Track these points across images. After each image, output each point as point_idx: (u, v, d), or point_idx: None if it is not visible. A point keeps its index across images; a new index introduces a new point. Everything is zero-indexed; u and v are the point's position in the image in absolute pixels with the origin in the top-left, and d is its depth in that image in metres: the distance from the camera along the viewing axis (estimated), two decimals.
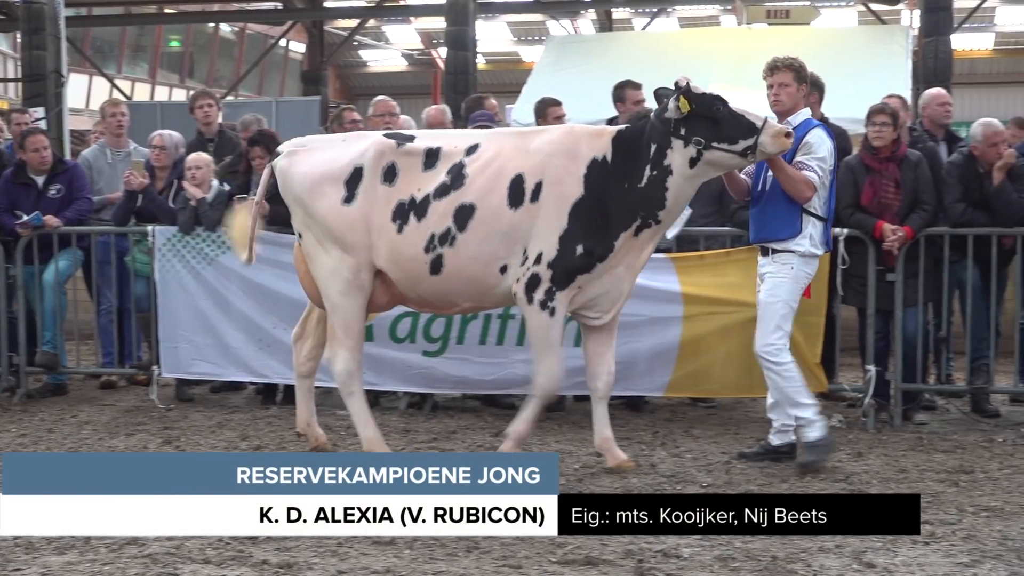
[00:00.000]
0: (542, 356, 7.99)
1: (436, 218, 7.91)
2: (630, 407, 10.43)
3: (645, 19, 31.39)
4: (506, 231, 7.85)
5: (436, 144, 8.15)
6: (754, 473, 8.08)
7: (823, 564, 6.06)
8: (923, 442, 9.13)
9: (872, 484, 7.74)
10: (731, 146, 7.65)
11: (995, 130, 9.95)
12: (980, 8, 28.45)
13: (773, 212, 8.16)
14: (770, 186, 8.17)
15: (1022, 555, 6.11)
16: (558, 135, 8.09)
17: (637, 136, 7.92)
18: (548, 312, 7.85)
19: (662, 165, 7.76)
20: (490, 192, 7.86)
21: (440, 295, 8.13)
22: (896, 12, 29.85)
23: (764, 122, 7.67)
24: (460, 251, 7.89)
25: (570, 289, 7.84)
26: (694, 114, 7.66)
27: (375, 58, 43.08)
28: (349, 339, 8.20)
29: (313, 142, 8.65)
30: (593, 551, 6.21)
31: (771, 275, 8.21)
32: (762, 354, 8.21)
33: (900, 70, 18.00)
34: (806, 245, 8.14)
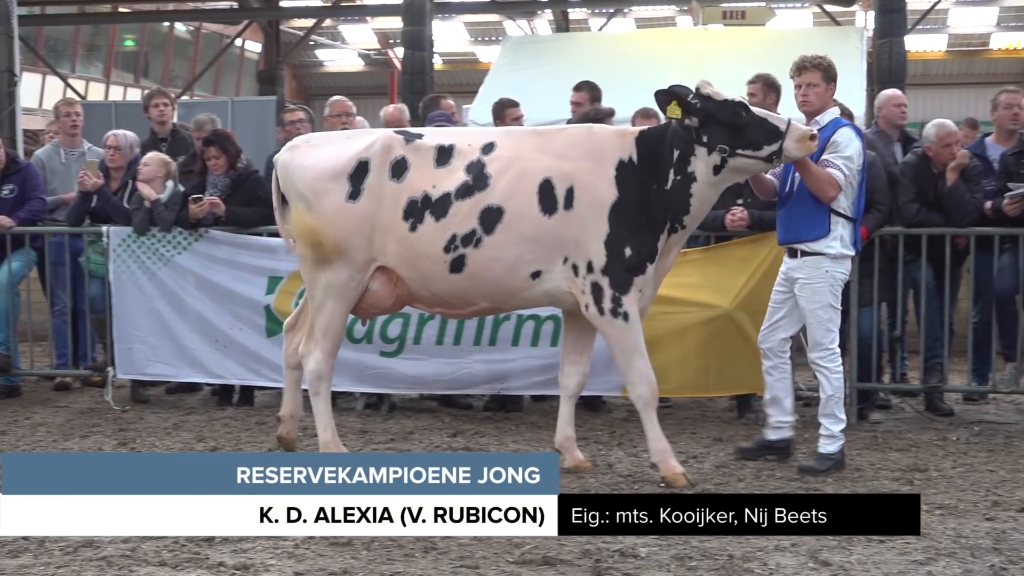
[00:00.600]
0: (630, 363, 7.86)
1: (460, 219, 7.76)
2: (587, 407, 10.44)
3: (602, 20, 31.46)
4: (538, 236, 7.72)
5: (448, 141, 8.02)
6: (710, 472, 8.11)
7: (779, 562, 6.08)
8: (878, 441, 9.19)
9: (827, 483, 7.78)
10: (755, 152, 7.59)
11: (948, 131, 10.03)
12: (933, 10, 28.68)
13: (801, 212, 8.06)
14: (798, 186, 8.08)
15: (976, 552, 6.16)
16: (580, 137, 7.97)
17: (659, 138, 7.83)
18: (622, 319, 7.73)
19: (686, 171, 7.68)
20: (516, 195, 7.73)
21: (458, 294, 7.98)
22: (851, 14, 30.04)
23: (788, 125, 7.60)
24: (485, 252, 7.76)
25: (633, 292, 7.72)
26: (717, 121, 7.57)
27: (331, 58, 42.96)
28: (327, 341, 8.15)
29: (317, 138, 8.61)
30: (551, 551, 6.21)
31: (806, 281, 8.08)
32: (817, 360, 8.15)
33: (855, 71, 18.07)
34: (837, 247, 8.03)
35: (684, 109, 7.60)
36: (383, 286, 8.06)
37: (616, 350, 7.91)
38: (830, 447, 8.16)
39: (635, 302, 7.74)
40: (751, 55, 16.55)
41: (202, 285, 10.59)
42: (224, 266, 10.55)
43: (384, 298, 8.12)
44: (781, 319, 8.35)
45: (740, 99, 7.78)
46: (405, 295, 8.13)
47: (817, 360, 8.16)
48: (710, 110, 7.59)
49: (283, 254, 10.36)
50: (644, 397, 7.84)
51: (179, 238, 10.54)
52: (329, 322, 8.11)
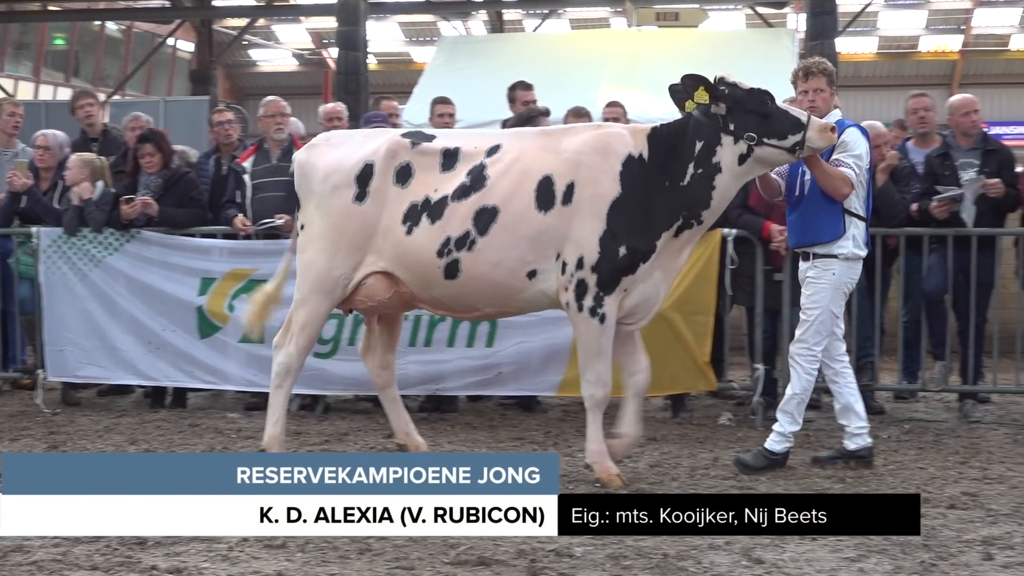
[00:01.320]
0: (591, 364, 7.73)
1: (454, 221, 7.69)
2: (522, 407, 10.47)
3: (536, 20, 31.50)
4: (535, 235, 7.63)
5: (455, 144, 7.96)
6: (644, 471, 8.14)
7: (713, 561, 6.11)
8: (810, 439, 9.26)
9: (760, 481, 7.83)
10: (780, 142, 7.52)
11: (878, 132, 10.14)
12: (864, 13, 28.95)
13: (815, 214, 8.04)
14: (809, 189, 8.06)
15: (906, 549, 6.22)
16: (589, 135, 7.86)
17: (678, 133, 7.72)
18: (598, 319, 7.62)
19: (710, 163, 7.57)
20: (515, 195, 7.65)
21: (458, 299, 7.91)
22: (782, 16, 30.26)
23: (808, 117, 7.60)
24: (480, 256, 7.67)
25: (617, 293, 7.63)
26: (745, 109, 7.54)
27: (265, 58, 42.71)
28: (302, 337, 8.10)
29: (336, 137, 8.57)
30: (486, 551, 6.21)
31: (812, 281, 8.09)
32: (795, 355, 8.13)
33: (787, 73, 18.18)
34: (849, 247, 8.01)
35: (712, 95, 7.58)
36: (378, 281, 7.98)
37: (582, 347, 7.78)
38: (776, 446, 8.15)
39: (616, 302, 7.65)
40: (684, 56, 16.62)
41: (134, 286, 10.51)
42: (156, 267, 10.48)
43: (380, 292, 8.00)
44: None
45: (764, 88, 7.75)
46: (408, 296, 8.06)
47: (795, 355, 8.14)
48: (738, 97, 7.58)
49: (216, 255, 10.33)
50: (596, 398, 7.76)
51: (110, 239, 10.44)
52: (309, 317, 8.06)
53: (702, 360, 9.87)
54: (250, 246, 10.56)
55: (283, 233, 10.54)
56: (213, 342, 10.49)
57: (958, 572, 5.91)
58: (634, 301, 7.74)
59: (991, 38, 35.28)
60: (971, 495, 7.45)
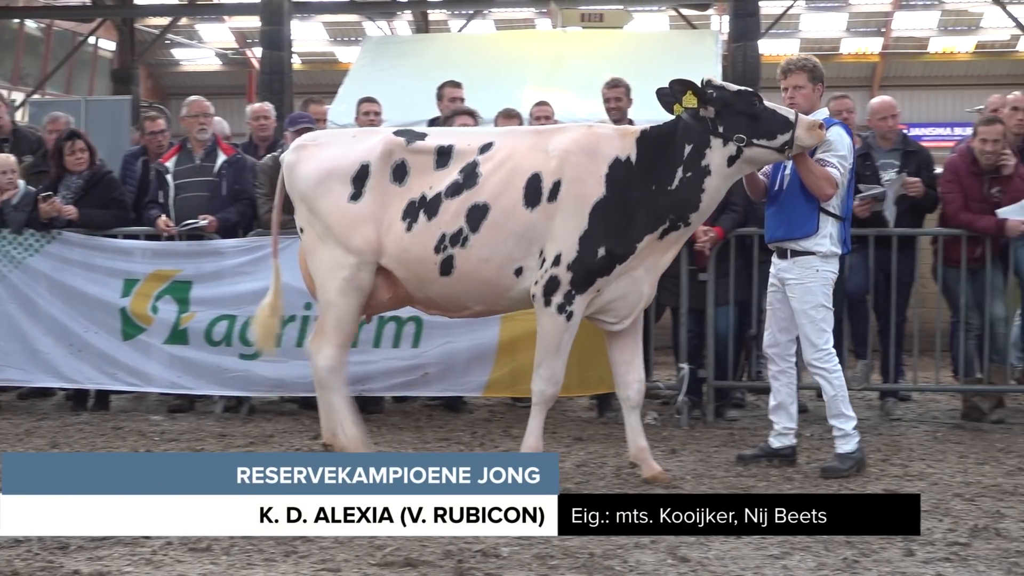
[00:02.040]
0: (548, 360, 7.71)
1: (448, 218, 7.71)
2: (448, 408, 10.46)
3: (461, 21, 31.45)
4: (522, 232, 7.64)
5: (448, 142, 7.96)
6: (571, 471, 8.15)
7: (639, 559, 6.14)
8: (735, 438, 9.33)
9: (686, 480, 7.88)
10: (770, 142, 7.53)
11: None
12: (786, 15, 29.22)
13: (791, 210, 8.05)
14: (787, 184, 8.07)
15: (829, 546, 6.28)
16: (579, 134, 7.83)
17: (666, 137, 7.72)
18: (565, 316, 7.61)
19: (699, 166, 7.57)
20: (504, 192, 7.66)
21: (450, 297, 7.93)
22: (706, 17, 30.48)
23: (796, 116, 7.60)
24: (472, 252, 7.69)
25: (589, 293, 7.61)
26: (733, 111, 7.55)
27: (188, 57, 42.33)
28: (339, 336, 8.00)
29: (323, 137, 8.49)
30: (413, 552, 6.19)
31: (796, 281, 8.05)
32: (813, 362, 8.07)
33: (710, 74, 18.33)
34: (827, 245, 8.02)
35: (700, 98, 7.59)
36: (380, 285, 7.98)
37: (542, 342, 7.73)
38: (847, 446, 8.12)
39: (586, 302, 7.63)
40: (609, 57, 16.72)
41: (55, 288, 10.39)
42: (78, 268, 10.37)
43: (378, 291, 8.00)
44: (783, 320, 8.29)
45: (751, 90, 7.78)
46: (404, 295, 8.07)
47: (814, 362, 8.08)
48: (726, 99, 7.59)
49: (139, 256, 10.23)
50: (545, 395, 7.74)
51: (31, 240, 10.32)
52: (340, 317, 7.97)
53: None
54: (173, 247, 10.47)
55: (206, 234, 10.46)
56: (136, 344, 10.39)
57: (880, 568, 5.98)
58: (608, 298, 7.71)
59: (910, 41, 35.76)
60: (891, 491, 7.54)
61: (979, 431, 9.72)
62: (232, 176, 10.82)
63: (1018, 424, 10.02)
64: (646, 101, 12.49)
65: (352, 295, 7.94)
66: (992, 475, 8.02)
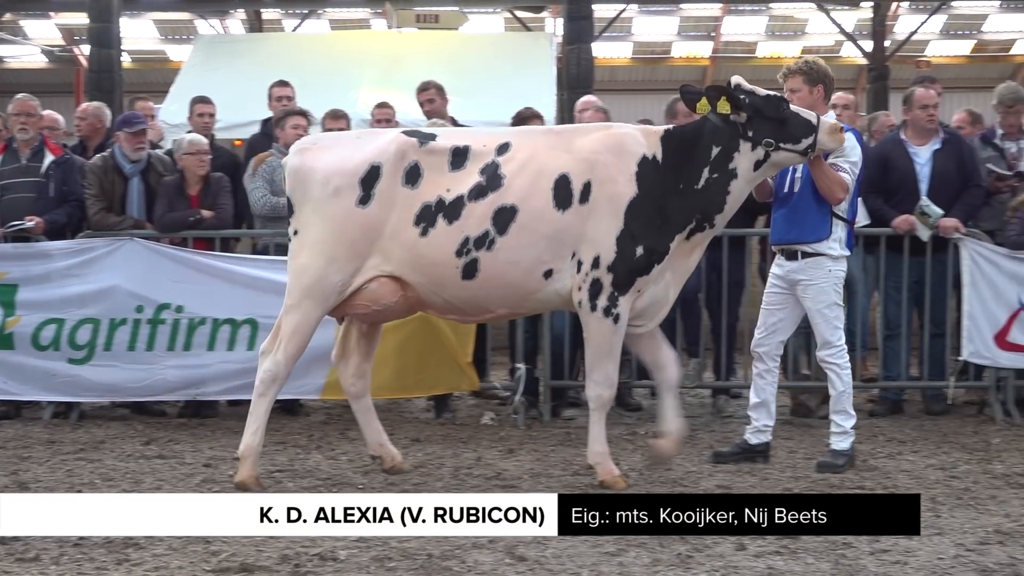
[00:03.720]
0: (601, 364, 7.65)
1: (472, 221, 7.48)
2: (285, 411, 10.35)
3: (296, 20, 31.13)
4: (552, 234, 7.49)
5: (463, 143, 7.71)
6: (408, 473, 8.13)
7: (477, 560, 6.15)
8: (571, 437, 9.40)
9: (523, 479, 7.92)
10: (795, 145, 7.58)
11: None
12: (619, 18, 29.54)
13: (804, 214, 8.18)
14: (799, 188, 8.19)
15: (664, 542, 6.36)
16: (602, 134, 7.75)
17: (691, 137, 7.70)
18: (612, 319, 7.53)
19: (726, 168, 7.58)
20: (532, 194, 7.49)
21: (471, 301, 7.68)
22: (540, 20, 30.66)
23: (818, 119, 7.65)
24: (499, 255, 7.48)
25: (631, 294, 7.55)
26: (762, 115, 7.56)
27: (12, 54, 41.11)
28: (292, 344, 7.68)
29: (326, 139, 8.25)
30: (249, 557, 6.12)
31: (810, 282, 8.21)
32: (827, 358, 8.25)
33: (545, 76, 18.53)
34: (837, 248, 8.21)
35: (734, 104, 7.58)
36: (383, 285, 7.64)
37: (593, 347, 7.66)
38: (843, 443, 8.29)
39: (630, 303, 7.58)
40: (444, 58, 16.75)
41: None
42: None
43: (385, 296, 7.67)
44: (778, 322, 8.46)
45: (779, 94, 7.80)
46: (415, 300, 7.78)
47: (827, 358, 8.26)
48: (756, 105, 7.60)
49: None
50: (602, 399, 7.68)
51: None
52: (300, 323, 7.65)
53: (464, 361, 9.93)
54: None
55: (33, 236, 10.21)
56: None
57: (713, 563, 6.08)
58: (645, 303, 7.68)
59: (739, 45, 36.39)
60: (725, 487, 7.68)
61: (807, 427, 9.96)
62: (60, 177, 10.58)
63: None
64: (482, 102, 12.60)
65: (321, 305, 7.64)
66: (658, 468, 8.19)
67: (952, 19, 33.65)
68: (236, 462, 7.75)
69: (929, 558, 6.13)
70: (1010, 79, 24.59)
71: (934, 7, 30.51)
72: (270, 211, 10.34)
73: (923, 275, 10.13)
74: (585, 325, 7.64)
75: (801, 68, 8.29)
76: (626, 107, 31.20)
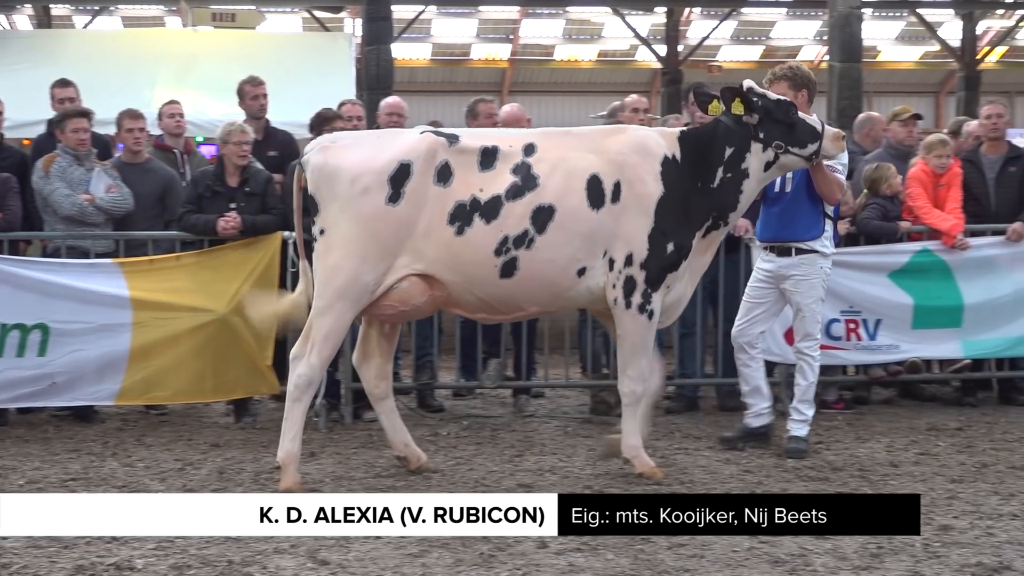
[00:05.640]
0: (634, 360, 7.84)
1: (511, 220, 7.57)
2: (79, 418, 10.10)
3: (86, 17, 30.38)
4: (587, 233, 7.65)
5: (491, 143, 7.75)
6: (207, 478, 8.01)
7: (279, 565, 6.09)
8: (373, 439, 9.38)
9: (325, 483, 7.86)
10: (802, 150, 7.91)
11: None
12: (418, 20, 29.59)
13: (798, 213, 8.61)
14: (793, 188, 8.57)
15: (467, 542, 6.38)
16: (623, 135, 7.98)
17: (706, 138, 7.94)
18: (647, 315, 7.75)
19: (739, 168, 7.86)
20: (567, 193, 7.63)
21: (506, 299, 7.76)
22: (339, 20, 30.49)
23: (823, 126, 7.97)
24: (538, 254, 7.59)
25: (662, 290, 7.78)
26: (773, 118, 7.82)
27: None
28: (325, 349, 7.59)
29: (345, 138, 8.04)
30: (41, 570, 5.96)
31: (802, 277, 8.65)
32: (804, 349, 8.73)
33: (345, 77, 18.47)
34: (829, 245, 8.72)
35: (747, 106, 7.81)
36: (414, 285, 7.65)
37: (627, 343, 7.85)
38: (803, 431, 8.79)
39: (661, 299, 7.80)
40: (242, 58, 16.53)
41: None
42: None
43: (415, 296, 7.68)
44: (760, 314, 8.91)
45: (787, 99, 8.05)
46: (442, 299, 7.77)
47: (804, 349, 8.74)
48: (768, 108, 7.86)
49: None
50: (636, 393, 7.88)
51: None
52: (332, 327, 7.59)
53: (264, 363, 9.83)
54: None
55: None
56: None
57: (515, 561, 6.13)
58: (671, 299, 7.93)
59: (537, 48, 36.80)
60: (526, 486, 7.75)
61: (607, 424, 10.08)
62: None
63: None
64: (280, 102, 12.45)
65: (353, 305, 7.60)
66: (618, 464, 8.33)
67: (742, 25, 34.62)
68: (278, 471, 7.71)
69: (724, 551, 6.28)
70: None
71: (725, 13, 31.32)
72: (78, 212, 10.04)
73: (717, 275, 10.36)
74: (619, 322, 7.86)
75: (786, 74, 8.63)
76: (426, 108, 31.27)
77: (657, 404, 8.82)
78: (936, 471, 8.22)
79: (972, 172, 10.91)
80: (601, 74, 37.24)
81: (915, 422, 8.89)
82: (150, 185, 10.46)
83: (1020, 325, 10.66)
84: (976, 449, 8.98)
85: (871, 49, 32.56)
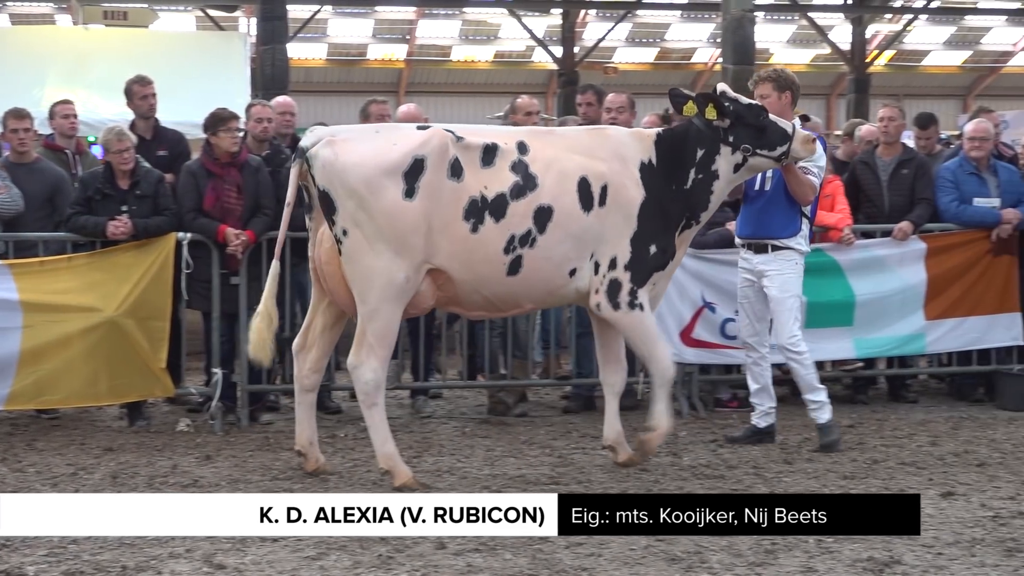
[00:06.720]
0: (650, 348, 8.08)
1: (516, 219, 7.69)
2: None
3: None
4: (578, 234, 7.83)
5: (489, 140, 7.83)
6: (101, 482, 7.90)
7: (174, 569, 6.04)
8: (270, 441, 9.33)
9: (221, 486, 7.80)
10: (770, 152, 8.09)
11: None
12: (313, 20, 29.48)
13: (776, 211, 8.83)
14: (772, 187, 8.78)
15: (364, 544, 6.38)
16: (603, 138, 8.16)
17: (679, 140, 8.11)
18: (637, 309, 7.94)
19: (709, 170, 8.07)
20: (561, 194, 7.79)
21: (508, 297, 7.92)
22: (234, 19, 30.26)
23: (793, 129, 8.15)
24: (538, 252, 7.76)
25: (647, 286, 7.99)
26: (743, 122, 8.00)
27: None
28: (382, 348, 7.58)
29: (345, 132, 7.83)
30: None
31: (778, 272, 8.85)
32: (787, 345, 8.87)
33: (239, 77, 18.31)
34: (804, 244, 8.92)
35: (720, 111, 7.98)
36: (428, 286, 7.73)
37: (637, 339, 8.09)
38: (825, 415, 8.95)
39: (647, 293, 8.00)
40: (135, 57, 16.31)
41: None
42: None
43: (426, 298, 7.80)
44: (759, 311, 9.08)
45: (759, 103, 8.25)
46: (444, 298, 7.78)
47: (788, 346, 8.88)
48: (739, 112, 8.04)
49: None
50: (668, 375, 8.13)
51: None
52: (384, 327, 7.60)
53: (158, 366, 9.70)
54: None
55: None
56: None
57: (414, 563, 6.14)
58: (651, 295, 8.12)
59: (434, 48, 36.86)
60: (424, 486, 7.75)
61: (504, 424, 10.14)
62: None
63: (539, 416, 10.51)
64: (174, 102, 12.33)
65: (399, 304, 7.64)
66: (516, 466, 8.38)
67: (637, 27, 34.98)
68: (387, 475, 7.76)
69: (621, 549, 6.34)
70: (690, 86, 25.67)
71: (620, 15, 31.58)
72: (16, 212, 9.88)
73: None
74: (615, 325, 8.08)
75: (770, 76, 8.88)
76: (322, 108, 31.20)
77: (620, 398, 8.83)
78: (829, 468, 8.36)
79: (867, 174, 11.12)
80: (498, 75, 37.41)
81: (807, 420, 9.03)
82: (39, 185, 10.25)
83: (908, 324, 10.86)
84: (867, 446, 9.15)
85: (764, 51, 33.04)
